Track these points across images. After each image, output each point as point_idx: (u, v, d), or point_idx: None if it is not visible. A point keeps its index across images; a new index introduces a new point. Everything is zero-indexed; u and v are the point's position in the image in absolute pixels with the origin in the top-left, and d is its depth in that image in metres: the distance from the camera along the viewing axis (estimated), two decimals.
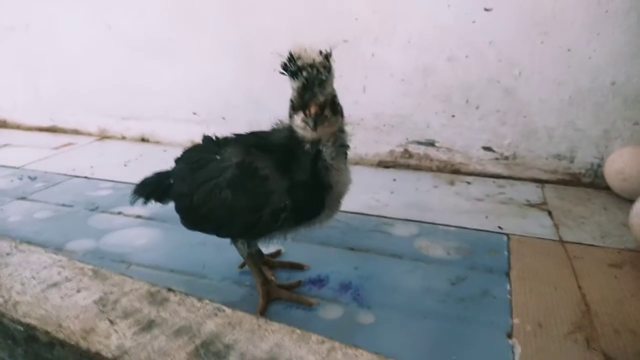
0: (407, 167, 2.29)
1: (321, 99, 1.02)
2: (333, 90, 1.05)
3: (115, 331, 0.92)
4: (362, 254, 1.51)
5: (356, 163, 2.33)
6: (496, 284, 1.35)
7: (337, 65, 2.32)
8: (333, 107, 1.05)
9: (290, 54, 1.04)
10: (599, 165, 2.03)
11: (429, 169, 2.26)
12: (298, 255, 1.48)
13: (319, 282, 1.35)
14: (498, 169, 2.16)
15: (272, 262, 1.42)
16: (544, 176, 2.11)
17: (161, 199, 1.32)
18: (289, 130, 1.13)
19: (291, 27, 2.27)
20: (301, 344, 0.89)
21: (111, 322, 0.94)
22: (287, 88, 1.03)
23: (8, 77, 2.97)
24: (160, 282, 1.29)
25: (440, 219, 1.74)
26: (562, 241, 1.60)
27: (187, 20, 2.45)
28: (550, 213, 1.81)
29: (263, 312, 1.21)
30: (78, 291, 1.05)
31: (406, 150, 2.27)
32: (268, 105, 2.39)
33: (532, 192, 2.01)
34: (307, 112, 1.01)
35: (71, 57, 2.75)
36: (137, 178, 2.20)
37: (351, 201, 1.26)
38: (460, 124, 2.15)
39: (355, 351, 0.87)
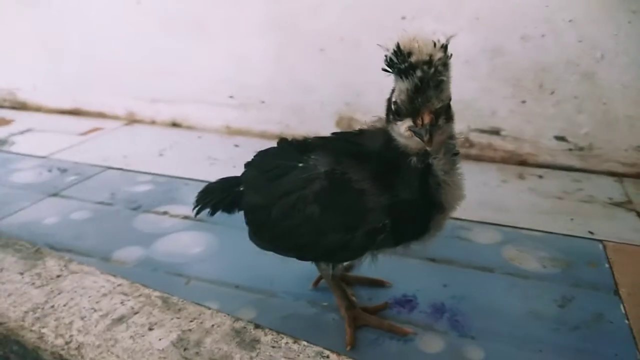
0: (467, 157, 2.10)
1: (437, 104, 0.82)
2: (450, 93, 0.86)
3: None
4: (446, 266, 1.34)
5: None
6: (608, 306, 1.18)
7: (393, 44, 2.07)
8: (448, 112, 0.86)
9: (399, 47, 0.84)
10: None
11: (492, 160, 2.07)
12: (371, 268, 1.31)
13: (407, 303, 1.19)
14: (571, 161, 1.97)
15: (348, 277, 1.26)
16: (621, 169, 1.92)
17: (230, 209, 1.15)
18: (387, 136, 0.94)
19: (341, 1, 2.05)
20: None
21: None
22: (336, 69, 0.84)
23: (28, 56, 2.77)
24: (227, 302, 1.16)
25: (520, 221, 1.57)
26: None
27: None
28: (639, 214, 1.63)
29: (353, 343, 1.04)
30: (150, 328, 0.89)
31: (467, 139, 2.08)
32: (315, 89, 2.21)
33: (612, 188, 1.83)
34: (419, 120, 0.82)
35: (96, 34, 2.54)
36: (176, 169, 2.09)
37: None
38: (531, 111, 1.95)
39: None
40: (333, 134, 1.10)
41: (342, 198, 0.94)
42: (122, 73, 2.55)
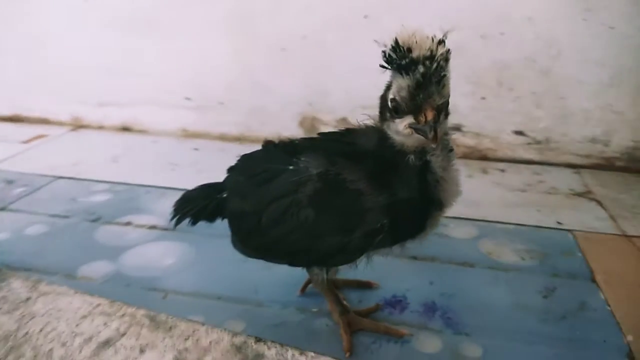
0: None
1: (439, 100, 0.80)
2: (449, 88, 0.84)
3: None
4: (429, 263, 1.34)
5: None
6: (588, 294, 1.22)
7: (356, 42, 2.07)
8: (446, 109, 0.85)
9: (397, 43, 0.81)
10: (635, 149, 1.94)
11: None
12: (356, 269, 1.29)
13: (398, 303, 1.17)
14: (530, 154, 2.03)
15: (336, 281, 1.22)
16: (577, 161, 2.00)
17: (212, 217, 1.09)
18: (380, 134, 0.92)
19: (302, 1, 2.02)
20: None
21: None
22: (299, 69, 0.81)
23: None
24: (211, 315, 1.10)
25: (492, 215, 1.60)
26: (627, 236, 1.50)
27: None
28: (600, 203, 1.70)
29: (351, 349, 1.01)
30: (142, 350, 0.82)
31: None
32: (276, 89, 2.16)
33: (571, 179, 1.90)
34: (422, 117, 0.80)
35: (38, 34, 2.36)
36: (134, 176, 1.97)
37: None
38: (491, 107, 2.00)
39: None
40: (320, 134, 1.06)
41: (337, 200, 0.91)
42: (65, 75, 2.38)
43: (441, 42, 0.82)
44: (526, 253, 1.39)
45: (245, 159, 1.09)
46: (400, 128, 0.84)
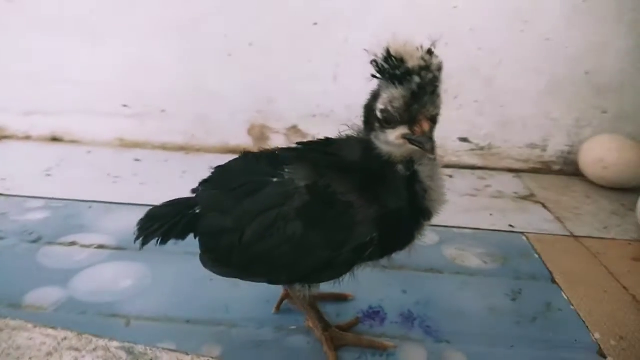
0: None
1: (434, 111, 0.81)
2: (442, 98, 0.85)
3: None
4: (398, 272, 1.33)
5: None
6: (552, 294, 1.27)
7: (306, 50, 2.06)
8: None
9: (389, 53, 0.81)
10: (569, 153, 2.07)
11: None
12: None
13: (376, 315, 1.15)
14: (474, 160, 2.11)
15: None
16: (517, 165, 2.11)
17: (183, 235, 1.01)
18: (364, 145, 0.90)
19: (249, 6, 1.96)
20: None
21: None
22: (246, 75, 0.79)
23: None
24: (183, 341, 1.03)
25: (449, 220, 1.62)
26: (574, 236, 1.59)
27: None
28: (544, 205, 1.80)
29: None
30: None
31: None
32: (223, 96, 2.09)
33: (514, 183, 1.99)
34: (418, 128, 0.80)
35: None
36: (73, 191, 1.81)
37: None
38: None
39: None
40: (299, 144, 1.02)
41: (328, 213, 0.88)
42: None
43: (431, 52, 0.82)
44: (487, 257, 1.43)
45: (221, 171, 1.02)
46: (392, 139, 0.83)
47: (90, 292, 1.19)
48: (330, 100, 2.05)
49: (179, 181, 1.77)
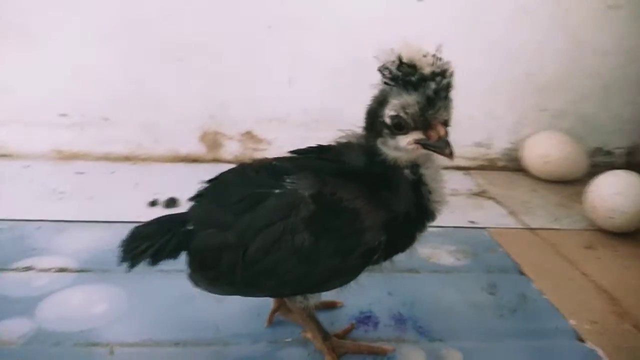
0: None
1: (447, 116, 0.83)
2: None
3: None
4: (379, 274, 1.32)
5: None
6: (523, 286, 1.33)
7: (260, 53, 2.04)
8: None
9: (401, 60, 0.82)
10: (512, 150, 2.19)
11: None
12: None
13: (368, 320, 1.15)
14: None
15: None
16: (465, 163, 2.20)
17: (175, 254, 0.94)
18: (366, 150, 0.91)
19: (199, 7, 1.89)
20: None
21: None
22: (197, 80, 0.78)
23: None
24: None
25: None
26: (530, 229, 1.68)
27: None
28: (497, 201, 1.89)
29: None
30: None
31: None
32: (172, 102, 2.01)
33: (465, 181, 2.08)
34: (434, 133, 0.82)
35: None
36: (15, 210, 1.65)
37: None
38: None
39: None
40: (294, 152, 1.01)
41: (336, 221, 0.87)
42: None
43: (439, 57, 0.84)
44: (459, 253, 1.48)
45: (215, 184, 0.97)
46: (403, 144, 0.84)
47: (60, 321, 1.09)
48: (286, 104, 2.03)
49: (133, 194, 1.67)
